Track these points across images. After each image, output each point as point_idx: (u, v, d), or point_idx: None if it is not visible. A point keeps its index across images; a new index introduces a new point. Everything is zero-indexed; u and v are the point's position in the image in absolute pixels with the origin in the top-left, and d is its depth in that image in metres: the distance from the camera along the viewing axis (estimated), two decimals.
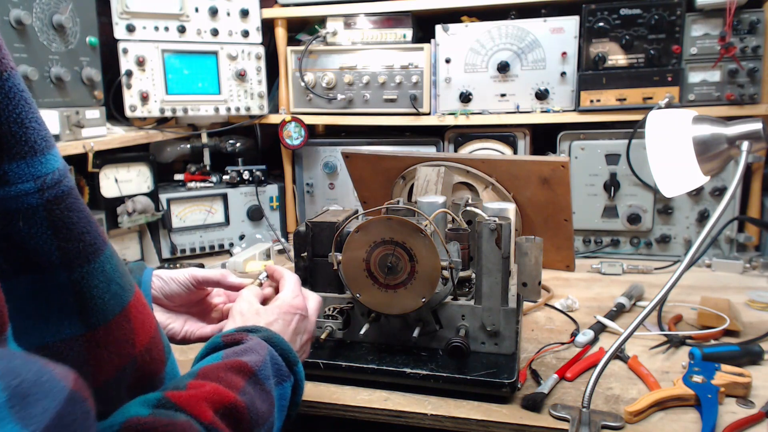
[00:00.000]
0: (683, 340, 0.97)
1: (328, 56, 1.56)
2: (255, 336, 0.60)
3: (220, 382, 0.48)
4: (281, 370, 0.58)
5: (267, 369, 0.55)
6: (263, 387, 0.53)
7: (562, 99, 1.45)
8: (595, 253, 1.49)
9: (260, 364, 0.54)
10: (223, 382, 0.49)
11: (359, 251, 0.84)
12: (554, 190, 1.04)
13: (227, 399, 0.46)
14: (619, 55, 1.40)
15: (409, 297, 0.84)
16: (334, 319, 0.90)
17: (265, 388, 0.53)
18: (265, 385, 0.53)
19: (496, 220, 0.83)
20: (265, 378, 0.54)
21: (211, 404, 0.45)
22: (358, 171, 1.24)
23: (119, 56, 1.43)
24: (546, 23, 1.42)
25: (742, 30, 1.34)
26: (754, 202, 1.44)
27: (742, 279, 1.31)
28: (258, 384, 0.52)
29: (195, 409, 0.43)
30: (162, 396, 0.43)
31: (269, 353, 0.58)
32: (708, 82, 1.38)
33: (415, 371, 0.83)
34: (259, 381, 0.53)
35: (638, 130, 1.36)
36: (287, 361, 0.60)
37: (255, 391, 0.51)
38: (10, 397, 0.25)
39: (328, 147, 1.64)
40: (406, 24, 1.52)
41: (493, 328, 0.85)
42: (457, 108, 1.50)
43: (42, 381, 0.27)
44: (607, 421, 0.74)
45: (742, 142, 0.82)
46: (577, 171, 1.45)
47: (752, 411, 0.77)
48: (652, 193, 1.43)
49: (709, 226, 0.74)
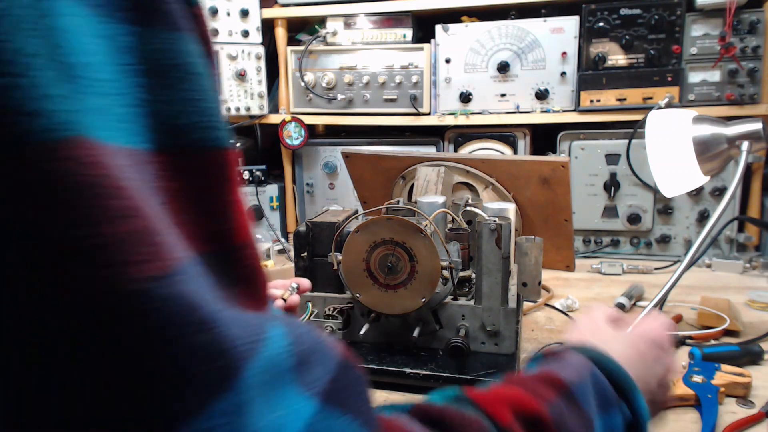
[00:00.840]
0: (683, 340, 0.97)
1: (328, 56, 1.56)
2: (579, 353, 0.52)
3: (525, 388, 0.43)
4: (607, 395, 0.48)
5: (585, 389, 0.47)
6: (578, 407, 0.45)
7: (562, 99, 1.45)
8: (595, 253, 1.49)
9: (576, 380, 0.46)
10: (529, 390, 0.43)
11: (359, 251, 0.84)
12: (554, 190, 1.04)
13: (530, 406, 0.41)
14: (619, 55, 1.40)
15: (409, 297, 0.84)
16: (334, 319, 0.90)
17: (581, 410, 0.45)
18: (582, 406, 0.45)
19: (496, 220, 0.83)
20: (581, 398, 0.46)
21: (511, 407, 0.40)
22: (358, 171, 1.24)
23: None
24: (546, 23, 1.42)
25: (742, 30, 1.34)
26: (754, 202, 1.44)
27: (742, 279, 1.31)
28: (572, 402, 0.45)
29: (492, 408, 0.39)
30: (460, 392, 0.41)
31: (592, 372, 0.49)
32: (708, 82, 1.38)
33: (415, 371, 0.83)
34: (573, 399, 0.45)
35: (638, 130, 1.36)
36: (616, 386, 0.50)
37: (567, 409, 0.44)
38: (298, 362, 0.26)
39: (328, 147, 1.64)
40: (406, 24, 1.52)
41: (493, 328, 0.85)
42: (457, 108, 1.50)
43: (319, 348, 0.28)
44: None
45: (742, 142, 0.82)
46: (577, 171, 1.45)
47: (752, 411, 0.77)
48: (652, 193, 1.43)
49: (709, 226, 0.75)
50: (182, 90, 0.26)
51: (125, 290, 0.21)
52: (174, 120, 0.26)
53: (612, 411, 0.48)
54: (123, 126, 0.24)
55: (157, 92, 0.25)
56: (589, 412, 0.45)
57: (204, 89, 0.27)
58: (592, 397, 0.47)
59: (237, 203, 0.29)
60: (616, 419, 0.48)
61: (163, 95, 0.25)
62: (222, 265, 0.27)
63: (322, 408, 0.26)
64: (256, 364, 0.24)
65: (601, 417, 0.47)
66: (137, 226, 0.22)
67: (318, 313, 0.92)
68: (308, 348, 0.27)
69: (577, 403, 0.45)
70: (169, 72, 0.26)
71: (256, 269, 0.29)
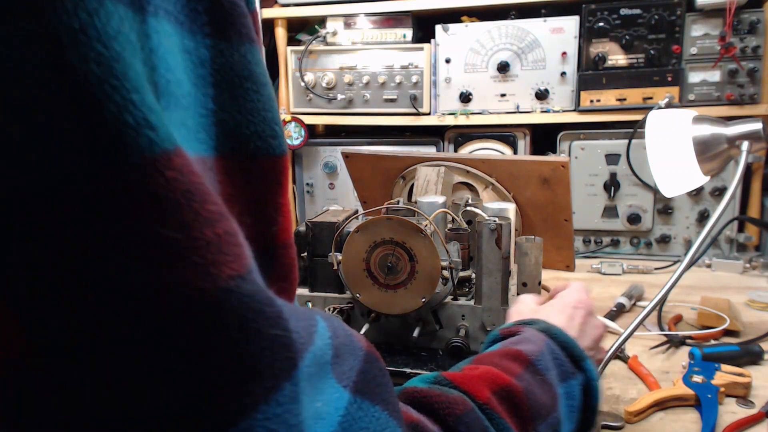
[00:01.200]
0: (683, 340, 0.97)
1: (328, 56, 1.56)
2: (531, 327, 0.56)
3: (494, 366, 0.46)
4: (563, 365, 0.52)
5: (545, 360, 0.50)
6: (543, 378, 0.48)
7: (562, 99, 1.45)
8: (595, 253, 1.49)
9: (536, 353, 0.50)
10: (498, 367, 0.46)
11: (359, 251, 0.84)
12: (554, 190, 1.04)
13: (503, 380, 0.44)
14: (619, 55, 1.40)
15: (409, 297, 0.83)
16: None
17: (545, 380, 0.49)
18: (545, 377, 0.49)
19: (496, 220, 0.83)
20: (544, 369, 0.49)
21: (487, 384, 0.43)
22: (358, 171, 1.24)
23: None
24: (546, 23, 1.42)
25: (742, 30, 1.34)
26: (754, 202, 1.44)
27: (742, 279, 1.31)
28: (537, 374, 0.48)
29: (470, 387, 0.42)
30: (438, 374, 0.44)
31: (547, 345, 0.53)
32: (708, 82, 1.38)
33: (415, 371, 0.83)
34: (537, 371, 0.49)
35: (638, 130, 1.36)
36: (571, 357, 0.54)
37: (534, 381, 0.47)
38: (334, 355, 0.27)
39: (328, 147, 1.64)
40: (406, 24, 1.52)
41: (493, 328, 0.85)
42: (457, 108, 1.50)
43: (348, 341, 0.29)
44: (607, 421, 0.74)
45: (742, 142, 0.82)
46: (577, 171, 1.45)
47: (752, 411, 0.77)
48: (652, 193, 1.43)
49: (709, 226, 0.74)
50: (249, 101, 0.27)
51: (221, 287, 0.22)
52: (238, 129, 0.27)
53: (570, 379, 0.52)
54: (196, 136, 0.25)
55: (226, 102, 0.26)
56: (552, 382, 0.49)
57: (268, 98, 0.28)
58: (552, 367, 0.51)
59: (285, 206, 0.30)
60: (574, 387, 0.52)
61: (231, 105, 0.27)
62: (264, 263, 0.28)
63: (354, 399, 0.27)
64: (308, 356, 0.25)
65: (562, 386, 0.51)
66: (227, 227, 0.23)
67: None
68: (342, 341, 0.29)
69: (541, 375, 0.48)
70: (239, 83, 0.27)
71: (293, 267, 0.31)
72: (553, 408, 0.47)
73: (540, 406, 0.45)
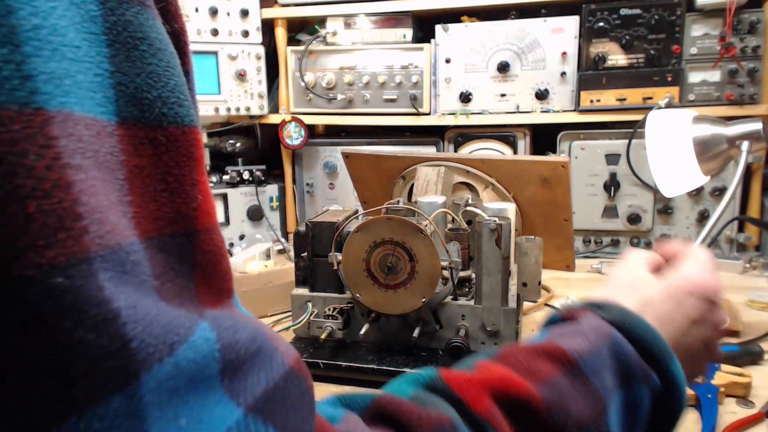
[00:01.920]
0: None
1: (328, 56, 1.56)
2: (596, 314, 0.45)
3: (516, 366, 0.39)
4: (629, 366, 0.42)
5: (598, 361, 0.41)
6: (586, 384, 0.40)
7: (562, 99, 1.45)
8: (595, 253, 1.49)
9: (586, 351, 0.41)
10: (521, 367, 0.39)
11: (359, 251, 0.84)
12: (554, 190, 1.04)
13: (516, 388, 0.37)
14: (619, 55, 1.40)
15: (409, 297, 0.84)
16: (334, 319, 0.90)
17: (590, 387, 0.40)
18: (591, 382, 0.40)
19: (496, 220, 0.83)
20: (590, 371, 0.40)
21: (491, 391, 0.37)
22: (358, 171, 1.24)
23: None
24: (546, 23, 1.42)
25: (742, 30, 1.34)
26: (754, 202, 1.44)
27: (742, 279, 1.31)
28: (578, 379, 0.40)
29: (467, 394, 0.36)
30: (434, 374, 0.38)
31: (609, 339, 0.42)
32: (708, 82, 1.38)
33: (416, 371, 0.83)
34: (580, 374, 0.40)
35: (638, 130, 1.36)
36: (648, 355, 0.43)
37: (570, 388, 0.39)
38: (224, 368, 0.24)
39: (328, 147, 1.64)
40: (406, 24, 1.52)
41: (493, 328, 0.85)
42: (457, 108, 1.50)
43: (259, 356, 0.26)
44: None
45: (742, 142, 0.82)
46: (577, 171, 1.45)
47: (752, 411, 0.77)
48: (652, 193, 1.43)
49: (709, 226, 0.75)
50: (148, 64, 0.25)
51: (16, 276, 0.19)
52: (140, 93, 0.25)
53: (636, 385, 0.42)
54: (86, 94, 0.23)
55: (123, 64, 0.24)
56: (602, 389, 0.40)
57: (168, 65, 0.26)
58: (609, 370, 0.41)
59: (204, 184, 0.27)
60: (641, 393, 0.42)
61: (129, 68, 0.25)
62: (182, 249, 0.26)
63: (246, 417, 0.24)
64: (163, 368, 0.22)
65: (620, 393, 0.41)
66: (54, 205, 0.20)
67: (318, 313, 0.92)
68: (243, 355, 0.25)
69: (584, 380, 0.40)
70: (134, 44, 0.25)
71: (219, 256, 0.28)
72: (594, 419, 0.39)
73: (568, 418, 0.38)
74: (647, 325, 0.44)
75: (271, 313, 1.12)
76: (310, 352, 0.89)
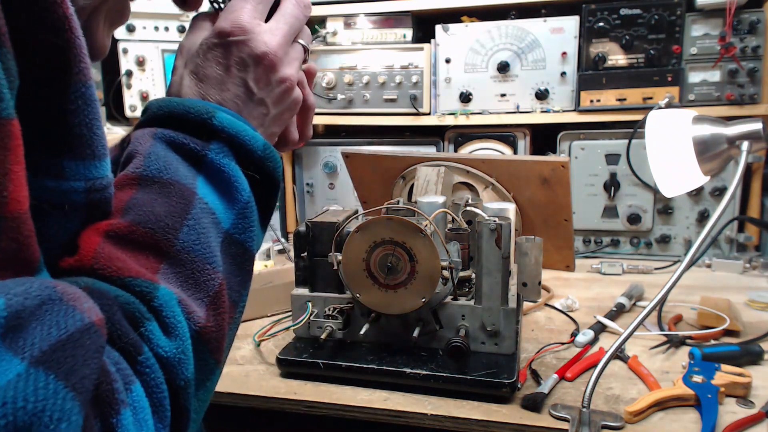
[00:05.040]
0: (683, 340, 0.97)
1: (328, 56, 1.56)
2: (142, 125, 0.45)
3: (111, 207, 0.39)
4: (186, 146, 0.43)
5: (158, 161, 0.41)
6: (160, 182, 0.41)
7: (562, 99, 1.45)
8: (595, 253, 1.49)
9: (141, 163, 0.41)
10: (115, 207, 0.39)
11: (359, 251, 0.84)
12: (554, 190, 1.04)
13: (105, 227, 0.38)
14: (619, 55, 1.40)
15: (409, 297, 0.84)
16: (334, 319, 0.90)
17: (164, 182, 0.41)
18: (163, 179, 0.41)
19: (496, 220, 0.83)
20: (157, 171, 0.41)
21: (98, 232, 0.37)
22: (358, 171, 1.24)
23: (119, 56, 1.43)
24: (546, 23, 1.42)
25: (742, 30, 1.34)
26: (754, 202, 1.44)
27: (742, 279, 1.31)
28: (151, 183, 0.41)
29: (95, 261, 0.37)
30: None
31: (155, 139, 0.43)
32: (708, 82, 1.38)
33: (415, 371, 0.83)
34: (150, 179, 0.41)
35: (638, 130, 1.36)
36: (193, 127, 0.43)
37: (152, 194, 0.40)
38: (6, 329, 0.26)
39: (328, 147, 1.64)
40: (406, 24, 1.52)
41: (493, 328, 0.85)
42: (457, 108, 1.50)
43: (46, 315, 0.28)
44: (607, 421, 0.74)
45: (742, 142, 0.82)
46: (577, 171, 1.45)
47: (752, 411, 0.77)
48: (652, 193, 1.43)
49: (709, 226, 0.75)
50: None
51: None
52: None
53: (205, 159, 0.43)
54: None
55: None
56: (182, 179, 0.41)
57: None
58: (177, 162, 0.42)
59: (16, 174, 0.29)
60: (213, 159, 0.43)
61: None
62: None
63: (28, 370, 0.26)
64: None
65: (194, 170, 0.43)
66: None
67: (318, 313, 0.92)
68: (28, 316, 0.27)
69: (157, 182, 0.40)
70: None
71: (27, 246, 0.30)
72: (189, 206, 0.40)
73: (165, 218, 0.39)
74: (178, 101, 0.44)
75: (271, 313, 1.12)
76: (310, 352, 0.89)
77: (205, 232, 0.41)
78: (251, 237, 0.45)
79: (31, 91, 0.32)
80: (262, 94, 0.49)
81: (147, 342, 0.35)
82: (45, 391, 0.26)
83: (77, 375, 0.27)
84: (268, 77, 0.48)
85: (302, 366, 0.87)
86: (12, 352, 0.26)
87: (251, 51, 0.47)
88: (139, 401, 0.32)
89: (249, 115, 0.48)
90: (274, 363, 0.90)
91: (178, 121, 0.44)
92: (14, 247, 0.29)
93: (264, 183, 0.47)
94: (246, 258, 0.45)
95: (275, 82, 0.49)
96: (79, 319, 0.29)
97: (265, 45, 0.47)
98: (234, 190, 0.44)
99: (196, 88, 0.47)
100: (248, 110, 0.48)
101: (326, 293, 0.93)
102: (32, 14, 0.31)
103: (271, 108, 0.50)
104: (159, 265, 0.38)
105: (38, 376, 0.26)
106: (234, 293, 0.43)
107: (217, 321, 0.40)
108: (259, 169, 0.46)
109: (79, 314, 0.29)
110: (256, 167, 0.46)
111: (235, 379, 0.88)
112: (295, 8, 0.51)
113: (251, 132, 0.45)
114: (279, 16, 0.50)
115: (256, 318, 1.10)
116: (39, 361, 0.26)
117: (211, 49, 0.47)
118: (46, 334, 0.27)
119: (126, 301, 0.35)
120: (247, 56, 0.47)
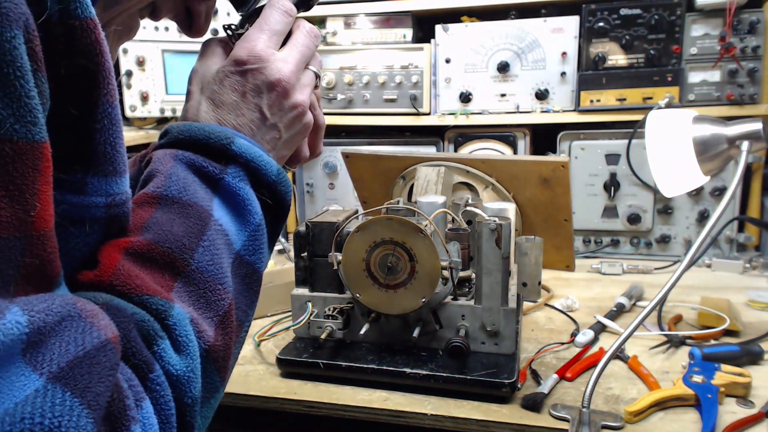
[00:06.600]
0: (683, 340, 0.97)
1: (328, 56, 1.56)
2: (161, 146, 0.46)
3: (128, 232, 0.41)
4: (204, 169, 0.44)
5: (178, 182, 0.43)
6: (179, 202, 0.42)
7: (562, 99, 1.45)
8: (595, 253, 1.49)
9: (162, 183, 0.43)
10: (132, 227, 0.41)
11: (359, 251, 0.84)
12: (554, 190, 1.04)
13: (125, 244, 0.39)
14: (619, 55, 1.40)
15: (409, 297, 0.84)
16: (334, 319, 0.90)
17: (183, 203, 0.42)
18: (182, 199, 0.43)
19: (496, 220, 0.83)
20: (177, 192, 0.43)
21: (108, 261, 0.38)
22: (358, 171, 1.24)
23: (119, 56, 1.43)
24: (546, 23, 1.42)
25: (742, 30, 1.34)
26: (754, 202, 1.44)
27: (742, 279, 1.31)
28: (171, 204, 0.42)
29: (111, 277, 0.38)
30: None
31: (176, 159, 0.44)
32: (708, 82, 1.38)
33: (415, 371, 0.83)
34: (170, 199, 0.42)
35: (638, 130, 1.36)
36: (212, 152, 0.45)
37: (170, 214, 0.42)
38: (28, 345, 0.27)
39: (328, 147, 1.64)
40: (406, 24, 1.52)
41: (493, 328, 0.85)
42: (457, 108, 1.50)
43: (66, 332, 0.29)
44: (607, 421, 0.74)
45: (742, 142, 0.82)
46: (577, 171, 1.45)
47: (752, 411, 0.77)
48: (652, 193, 1.43)
49: (709, 226, 0.75)
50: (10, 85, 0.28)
51: None
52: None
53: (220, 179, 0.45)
54: None
55: None
56: (199, 201, 0.43)
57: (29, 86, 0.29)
58: (195, 184, 0.44)
59: (45, 194, 0.30)
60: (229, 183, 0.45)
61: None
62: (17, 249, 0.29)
63: (45, 386, 0.27)
64: None
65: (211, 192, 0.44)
66: None
67: (318, 313, 0.92)
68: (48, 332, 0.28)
69: (176, 201, 0.42)
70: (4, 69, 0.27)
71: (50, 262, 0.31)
72: (205, 227, 0.42)
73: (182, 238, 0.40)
74: (198, 126, 0.46)
75: (271, 313, 1.12)
76: (310, 352, 0.89)
77: (219, 253, 0.42)
78: (260, 258, 0.47)
79: (61, 110, 0.33)
80: (275, 119, 0.51)
81: (159, 360, 0.36)
82: (61, 407, 0.27)
83: (92, 392, 0.28)
84: (281, 103, 0.51)
85: (302, 366, 0.87)
86: (31, 367, 0.27)
87: (266, 78, 0.49)
88: (149, 418, 0.33)
89: (262, 139, 0.50)
90: (274, 363, 0.90)
91: (198, 145, 0.45)
92: (37, 264, 0.30)
93: (275, 207, 0.49)
94: (254, 279, 0.46)
95: (288, 107, 0.51)
96: (96, 336, 0.30)
97: (279, 72, 0.50)
98: (247, 212, 0.46)
99: (214, 114, 0.49)
100: (261, 134, 0.50)
101: (326, 293, 0.93)
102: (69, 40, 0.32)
103: (283, 132, 0.52)
104: (173, 284, 0.39)
105: (55, 393, 0.27)
106: (241, 313, 0.45)
107: (225, 340, 0.41)
108: (271, 193, 0.48)
109: (96, 331, 0.30)
110: (269, 191, 0.48)
111: (235, 379, 0.88)
112: (307, 38, 0.53)
113: (266, 158, 0.47)
114: (291, 45, 0.52)
115: (256, 318, 1.10)
116: (57, 377, 0.27)
117: (227, 77, 0.49)
118: (64, 351, 0.28)
119: (142, 318, 0.36)
120: (262, 83, 0.49)
